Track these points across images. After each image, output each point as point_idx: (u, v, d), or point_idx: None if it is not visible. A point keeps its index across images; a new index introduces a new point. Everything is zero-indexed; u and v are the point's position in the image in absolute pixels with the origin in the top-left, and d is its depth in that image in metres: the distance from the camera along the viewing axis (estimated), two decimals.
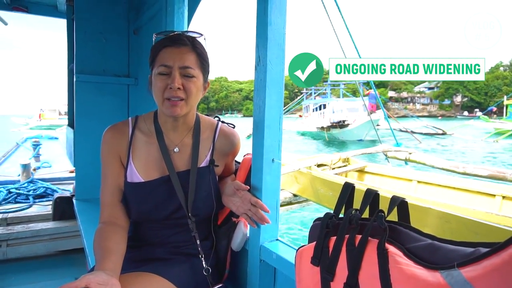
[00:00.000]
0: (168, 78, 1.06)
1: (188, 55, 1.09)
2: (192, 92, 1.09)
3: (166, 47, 1.09)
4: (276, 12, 1.14)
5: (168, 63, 1.06)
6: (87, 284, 0.82)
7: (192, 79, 1.08)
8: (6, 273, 2.54)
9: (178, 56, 1.07)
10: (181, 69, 1.07)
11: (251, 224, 1.18)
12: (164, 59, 1.07)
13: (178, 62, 1.06)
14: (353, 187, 0.88)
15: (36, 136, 7.52)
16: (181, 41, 1.10)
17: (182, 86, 1.06)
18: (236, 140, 1.28)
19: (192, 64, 1.09)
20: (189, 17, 1.95)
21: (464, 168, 4.85)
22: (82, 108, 2.67)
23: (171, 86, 1.05)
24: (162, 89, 1.06)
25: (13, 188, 3.46)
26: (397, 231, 0.76)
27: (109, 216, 1.11)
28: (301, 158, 5.87)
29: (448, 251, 0.67)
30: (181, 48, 1.09)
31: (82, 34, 2.64)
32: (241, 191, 1.17)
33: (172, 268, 1.11)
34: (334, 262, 0.83)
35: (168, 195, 1.14)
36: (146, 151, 1.15)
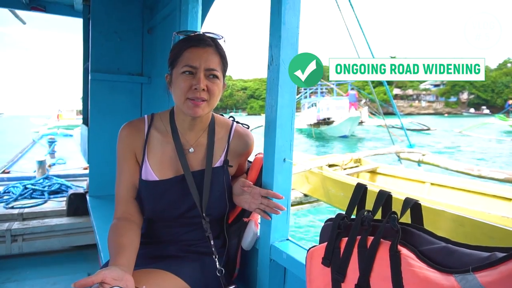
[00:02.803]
0: (193, 78, 1.06)
1: (213, 57, 1.09)
2: (215, 94, 1.09)
3: (191, 47, 1.08)
4: (290, 12, 1.13)
5: (194, 64, 1.06)
6: (103, 279, 0.83)
7: (216, 80, 1.09)
8: (22, 266, 2.60)
9: (203, 56, 1.07)
10: (206, 70, 1.07)
11: (265, 217, 1.17)
12: (190, 59, 1.07)
13: (204, 64, 1.06)
14: (366, 188, 0.87)
15: (52, 134, 7.66)
16: (206, 42, 1.10)
17: (206, 87, 1.07)
18: (250, 141, 1.28)
19: (216, 65, 1.09)
20: (202, 17, 1.95)
21: (479, 171, 4.76)
22: (97, 106, 2.72)
23: (196, 87, 1.05)
24: (186, 89, 1.06)
25: (29, 184, 3.53)
26: (410, 233, 0.75)
27: (123, 212, 1.13)
28: (312, 158, 5.84)
29: (463, 255, 0.66)
30: (206, 48, 1.09)
31: (97, 33, 2.68)
32: (248, 187, 1.16)
33: (184, 266, 1.12)
34: (345, 263, 0.82)
35: (182, 194, 1.15)
36: (161, 150, 1.16)
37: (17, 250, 2.65)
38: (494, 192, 4.17)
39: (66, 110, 32.39)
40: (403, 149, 6.07)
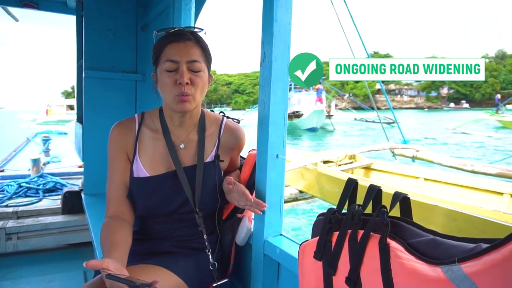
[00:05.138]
0: (176, 73, 1.07)
1: (193, 49, 1.10)
2: (200, 87, 1.10)
3: (171, 43, 1.09)
4: (282, 9, 1.14)
5: (175, 58, 1.07)
6: (107, 266, 0.85)
7: (199, 73, 1.10)
8: (17, 265, 2.59)
9: (184, 50, 1.08)
10: (188, 63, 1.08)
11: (256, 212, 1.16)
12: (171, 54, 1.08)
13: (185, 57, 1.08)
14: (356, 182, 0.89)
15: (46, 132, 7.62)
16: (185, 36, 1.11)
17: (190, 80, 1.08)
18: (241, 135, 1.29)
19: (198, 57, 1.10)
20: (196, 14, 1.96)
21: (472, 166, 4.81)
22: (91, 104, 2.71)
23: (180, 81, 1.06)
24: (172, 85, 1.07)
25: (24, 183, 3.51)
26: (399, 226, 0.77)
27: (115, 211, 1.13)
28: (307, 154, 5.86)
29: (449, 247, 0.68)
30: (186, 42, 1.10)
31: (91, 31, 2.66)
32: (233, 185, 1.16)
33: (178, 261, 1.13)
34: (336, 257, 0.84)
35: (175, 190, 1.16)
36: (152, 147, 1.17)
37: (12, 248, 2.65)
38: (486, 187, 4.23)
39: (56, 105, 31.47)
40: (397, 145, 6.11)
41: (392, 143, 6.08)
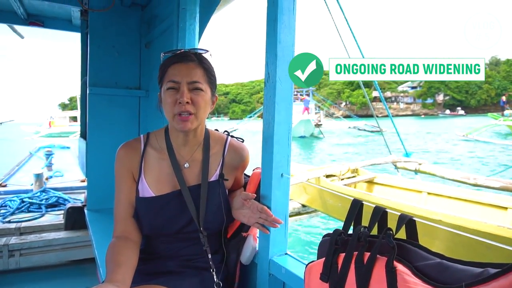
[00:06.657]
0: (177, 93, 1.10)
1: (195, 70, 1.12)
2: (201, 106, 1.12)
3: (174, 64, 1.13)
4: (286, 30, 1.17)
5: (176, 79, 1.10)
6: None
7: (200, 92, 1.12)
8: (20, 282, 2.58)
9: (185, 71, 1.11)
10: (189, 84, 1.10)
11: (264, 231, 1.18)
12: (173, 75, 1.11)
13: (186, 78, 1.10)
14: (362, 204, 0.90)
15: (49, 146, 7.64)
16: (188, 58, 1.14)
17: (191, 100, 1.10)
18: (245, 154, 1.30)
19: (199, 78, 1.12)
20: (200, 33, 1.99)
21: (475, 180, 4.78)
22: (95, 120, 2.73)
23: (180, 100, 1.08)
24: (172, 104, 1.10)
25: (26, 198, 3.52)
26: (405, 249, 0.77)
27: (122, 231, 1.14)
28: (310, 168, 5.85)
29: (456, 271, 0.68)
30: (188, 64, 1.13)
31: (95, 48, 2.70)
32: (249, 201, 1.18)
33: (183, 281, 1.13)
34: (343, 279, 0.84)
35: (180, 209, 1.16)
36: (157, 167, 1.18)
37: (14, 265, 2.63)
38: (490, 201, 4.19)
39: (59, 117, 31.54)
40: (400, 158, 6.09)
41: (395, 157, 6.06)
